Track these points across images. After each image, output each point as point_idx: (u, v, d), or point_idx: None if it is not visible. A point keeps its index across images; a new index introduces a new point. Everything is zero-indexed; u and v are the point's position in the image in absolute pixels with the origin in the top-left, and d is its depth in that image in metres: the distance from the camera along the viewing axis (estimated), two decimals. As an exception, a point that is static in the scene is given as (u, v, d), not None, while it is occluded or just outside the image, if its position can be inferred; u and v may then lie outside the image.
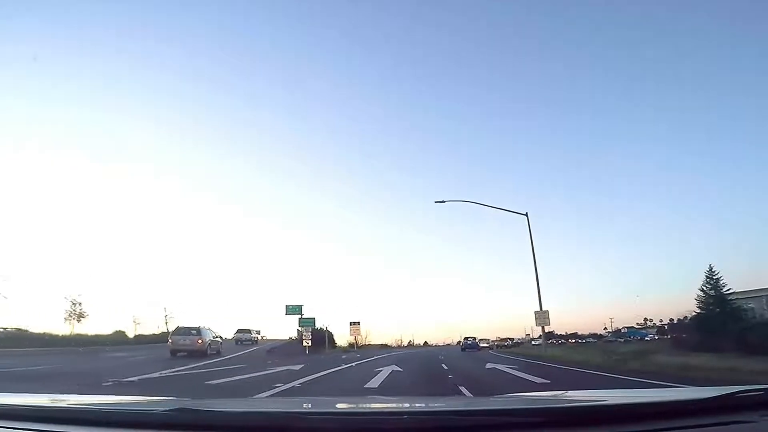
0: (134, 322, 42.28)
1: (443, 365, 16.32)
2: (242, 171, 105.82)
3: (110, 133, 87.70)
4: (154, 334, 39.01)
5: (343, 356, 26.67)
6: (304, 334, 33.95)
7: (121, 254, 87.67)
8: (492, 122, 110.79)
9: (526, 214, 25.57)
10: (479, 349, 41.31)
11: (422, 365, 16.89)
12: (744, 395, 1.38)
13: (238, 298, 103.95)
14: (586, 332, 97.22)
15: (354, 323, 50.06)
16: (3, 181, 65.35)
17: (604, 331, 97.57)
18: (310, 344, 32.37)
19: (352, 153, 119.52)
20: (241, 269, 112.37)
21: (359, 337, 54.96)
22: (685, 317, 34.06)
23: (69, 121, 79.32)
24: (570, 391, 2.46)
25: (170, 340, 22.29)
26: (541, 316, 25.14)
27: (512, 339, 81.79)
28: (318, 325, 42.03)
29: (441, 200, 26.38)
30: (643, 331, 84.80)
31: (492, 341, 69.77)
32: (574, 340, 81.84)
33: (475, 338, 47.18)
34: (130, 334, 38.73)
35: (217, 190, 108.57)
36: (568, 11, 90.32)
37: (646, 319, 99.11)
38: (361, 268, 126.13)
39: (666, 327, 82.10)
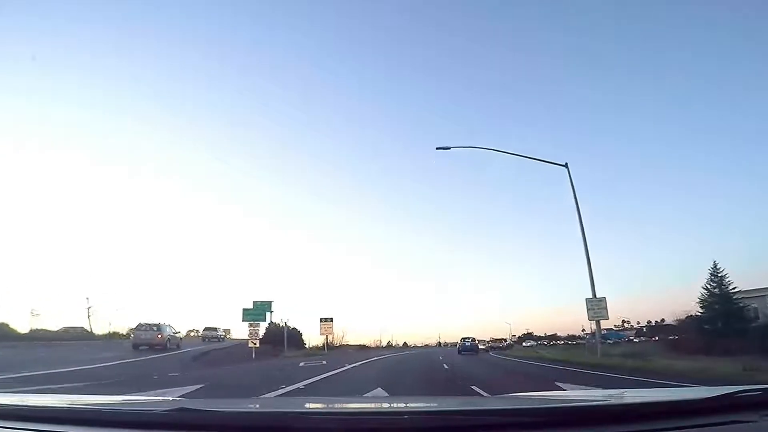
0: (31, 313, 36.72)
1: (476, 389, 9.26)
2: (214, 165, 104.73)
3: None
4: (67, 329, 34.51)
5: (302, 364, 19.31)
6: (251, 332, 27.63)
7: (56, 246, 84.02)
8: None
9: (566, 165, 20.67)
10: (478, 352, 37.91)
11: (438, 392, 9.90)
12: (744, 395, 1.40)
13: (214, 297, 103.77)
14: (563, 333, 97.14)
15: (325, 320, 42.54)
16: None
17: (582, 332, 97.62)
18: (257, 345, 26.34)
19: (335, 143, 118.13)
20: (217, 268, 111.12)
21: (332, 336, 48.38)
22: (666, 319, 33.80)
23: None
24: (570, 391, 2.48)
25: (132, 335, 25.43)
26: (596, 306, 18.92)
27: (504, 340, 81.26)
28: (277, 321, 36.97)
29: (445, 147, 20.65)
30: (621, 333, 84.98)
31: (487, 342, 68.92)
32: (563, 341, 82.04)
33: (473, 339, 41.41)
34: (25, 329, 32.23)
35: (183, 182, 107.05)
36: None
37: (623, 321, 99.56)
38: (339, 267, 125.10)
39: (644, 329, 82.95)
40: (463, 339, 40.16)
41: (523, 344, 72.92)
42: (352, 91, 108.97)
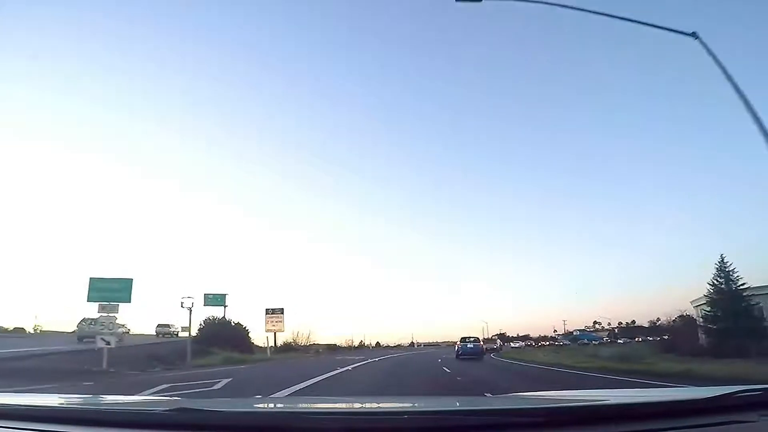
0: None
1: None
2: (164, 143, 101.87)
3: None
4: None
5: (155, 390, 11.50)
6: (101, 321, 18.47)
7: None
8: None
9: (695, 34, 13.29)
10: (482, 356, 30.82)
11: None
12: (744, 395, 1.40)
13: (179, 294, 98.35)
14: (536, 335, 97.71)
15: (272, 312, 32.92)
16: None
17: (555, 333, 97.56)
18: (110, 345, 17.21)
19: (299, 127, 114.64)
20: (181, 264, 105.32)
21: (298, 335, 40.92)
22: (636, 320, 32.79)
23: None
24: (570, 391, 2.49)
25: (77, 329, 27.04)
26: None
27: (495, 341, 78.74)
28: (224, 317, 30.99)
29: None
30: (594, 334, 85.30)
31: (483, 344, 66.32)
32: (548, 342, 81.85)
33: (477, 339, 32.44)
34: None
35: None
36: None
37: (595, 322, 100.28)
38: (311, 263, 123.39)
39: (616, 330, 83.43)
40: (464, 339, 31.71)
41: (511, 345, 72.41)
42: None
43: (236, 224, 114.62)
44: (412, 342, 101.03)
